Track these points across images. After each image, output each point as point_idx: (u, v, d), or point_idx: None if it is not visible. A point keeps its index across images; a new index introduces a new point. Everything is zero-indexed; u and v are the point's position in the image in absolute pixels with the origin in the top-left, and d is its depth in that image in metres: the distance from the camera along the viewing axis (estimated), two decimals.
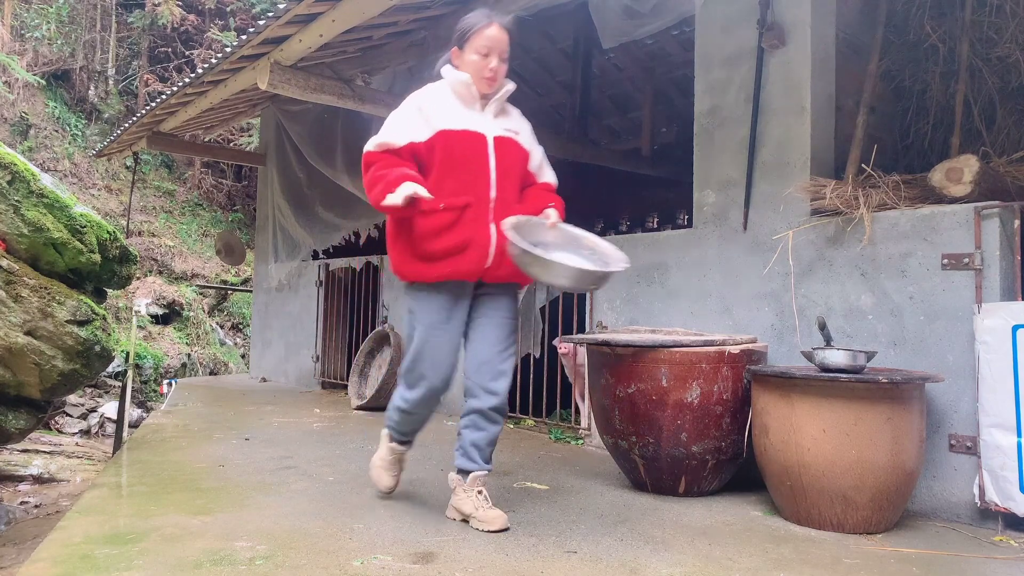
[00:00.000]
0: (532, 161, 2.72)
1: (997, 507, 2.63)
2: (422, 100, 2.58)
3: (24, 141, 12.10)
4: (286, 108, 7.03)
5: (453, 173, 2.49)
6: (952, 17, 3.83)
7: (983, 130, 3.81)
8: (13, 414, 3.85)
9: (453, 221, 2.47)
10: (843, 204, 3.11)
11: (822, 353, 2.72)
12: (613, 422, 3.12)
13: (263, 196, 8.04)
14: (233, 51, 4.43)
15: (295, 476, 3.28)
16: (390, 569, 2.12)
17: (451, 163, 2.50)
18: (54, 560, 2.13)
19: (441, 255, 2.49)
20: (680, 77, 7.06)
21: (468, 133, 2.52)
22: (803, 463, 2.62)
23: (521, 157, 2.65)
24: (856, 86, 3.67)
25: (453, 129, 2.51)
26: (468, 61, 2.55)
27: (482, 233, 2.49)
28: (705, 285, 3.71)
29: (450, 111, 2.55)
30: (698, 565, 2.24)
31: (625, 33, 3.84)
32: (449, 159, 2.50)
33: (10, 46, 12.59)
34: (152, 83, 13.49)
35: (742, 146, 3.58)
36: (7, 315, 3.56)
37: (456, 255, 2.49)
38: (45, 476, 6.14)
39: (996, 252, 2.74)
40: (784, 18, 3.45)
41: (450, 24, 4.89)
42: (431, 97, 2.59)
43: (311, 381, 6.91)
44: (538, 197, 2.68)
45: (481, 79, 2.55)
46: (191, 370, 10.46)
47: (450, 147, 2.50)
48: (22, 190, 3.69)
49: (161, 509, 2.68)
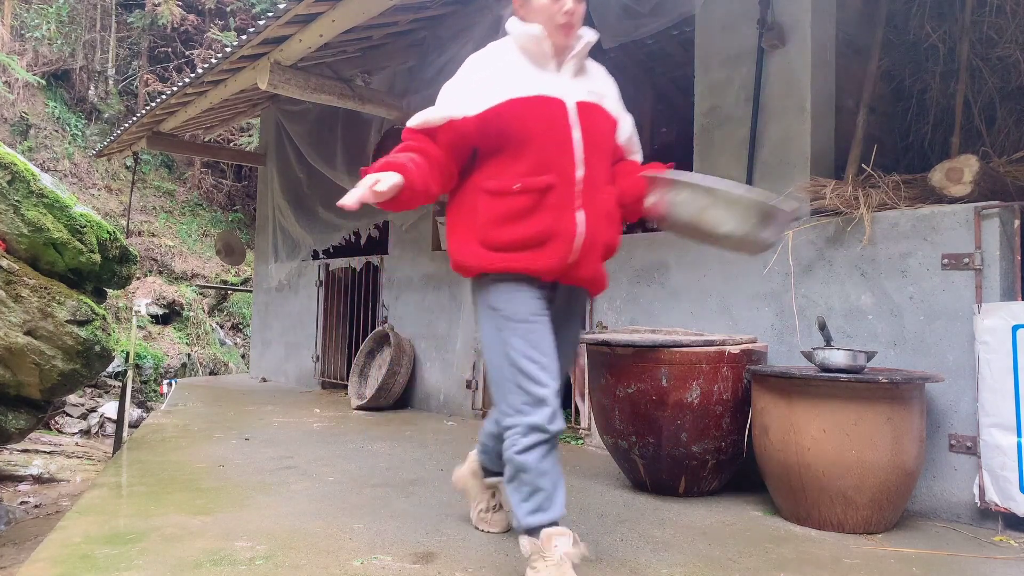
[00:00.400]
0: (621, 132, 2.27)
1: (997, 507, 2.63)
2: (481, 63, 2.13)
3: (24, 141, 12.10)
4: (286, 108, 7.03)
5: (528, 150, 2.03)
6: (952, 17, 3.83)
7: (983, 130, 3.81)
8: (13, 414, 3.84)
9: (531, 207, 2.02)
10: (843, 204, 3.11)
11: (822, 353, 2.71)
12: (613, 422, 3.12)
13: (263, 196, 8.04)
14: (233, 51, 4.43)
15: (295, 476, 3.28)
16: (390, 569, 2.12)
17: (524, 138, 2.03)
18: (54, 560, 2.13)
19: (515, 247, 2.03)
20: (680, 77, 7.05)
21: (543, 99, 2.05)
22: (803, 463, 2.62)
23: (609, 126, 2.20)
24: (856, 86, 3.67)
25: (524, 96, 2.04)
26: (537, 6, 2.08)
27: (567, 221, 2.04)
28: (705, 285, 3.71)
29: (519, 74, 2.08)
30: (698, 565, 2.24)
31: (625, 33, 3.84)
32: (522, 132, 2.03)
33: (10, 46, 12.59)
34: (152, 83, 13.49)
35: (742, 146, 3.58)
36: (7, 315, 3.56)
37: (533, 248, 2.03)
38: (45, 476, 6.14)
39: (996, 252, 2.74)
40: (784, 18, 3.45)
41: (450, 24, 4.91)
42: (492, 59, 2.12)
43: (311, 381, 6.91)
44: (636, 177, 2.19)
45: (556, 27, 2.07)
46: (191, 370, 10.46)
47: (522, 118, 2.03)
48: (22, 190, 3.68)
49: (161, 509, 2.68)
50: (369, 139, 6.04)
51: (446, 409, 5.27)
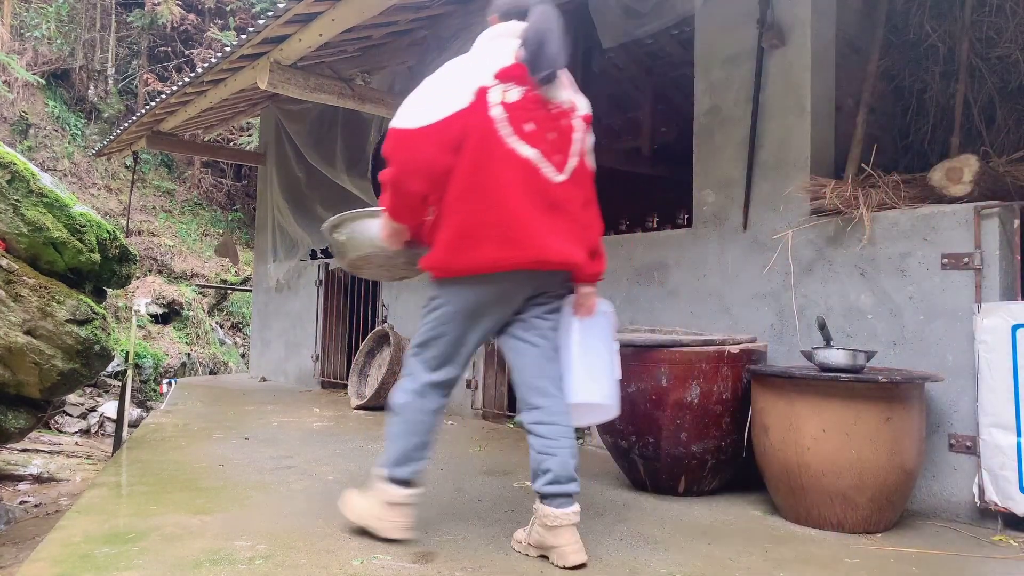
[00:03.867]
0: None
1: (997, 507, 2.63)
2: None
3: (24, 140, 12.10)
4: (286, 107, 7.03)
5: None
6: (952, 17, 3.83)
7: (983, 130, 3.81)
8: (13, 413, 3.85)
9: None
10: (843, 204, 3.11)
11: (822, 353, 2.71)
12: (613, 422, 3.12)
13: (263, 196, 8.04)
14: (233, 50, 4.43)
15: (295, 476, 3.28)
16: (390, 569, 2.12)
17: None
18: (54, 560, 2.13)
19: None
20: (680, 77, 7.04)
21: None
22: (803, 463, 2.62)
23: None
24: (856, 86, 3.67)
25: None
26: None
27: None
28: (705, 285, 3.71)
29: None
30: (698, 565, 2.24)
31: (625, 33, 3.84)
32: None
33: (10, 45, 12.58)
34: (152, 82, 13.48)
35: (742, 146, 3.58)
36: (7, 314, 3.55)
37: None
38: (45, 475, 6.14)
39: (996, 252, 2.74)
40: (784, 18, 3.45)
41: (450, 23, 4.91)
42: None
43: (311, 381, 6.91)
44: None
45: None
46: (191, 370, 10.46)
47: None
48: (22, 189, 3.68)
49: (161, 508, 2.68)
50: (369, 138, 6.04)
51: (446, 409, 5.27)
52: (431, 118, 2.10)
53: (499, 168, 2.14)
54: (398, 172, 2.16)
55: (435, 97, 2.14)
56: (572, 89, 2.35)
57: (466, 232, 2.17)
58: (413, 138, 2.12)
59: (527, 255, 2.16)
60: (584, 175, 2.33)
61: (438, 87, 2.16)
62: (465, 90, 2.14)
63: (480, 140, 2.13)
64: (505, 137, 2.14)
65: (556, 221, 2.20)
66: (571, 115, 2.29)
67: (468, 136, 2.13)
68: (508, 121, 2.15)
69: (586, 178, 2.34)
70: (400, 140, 2.13)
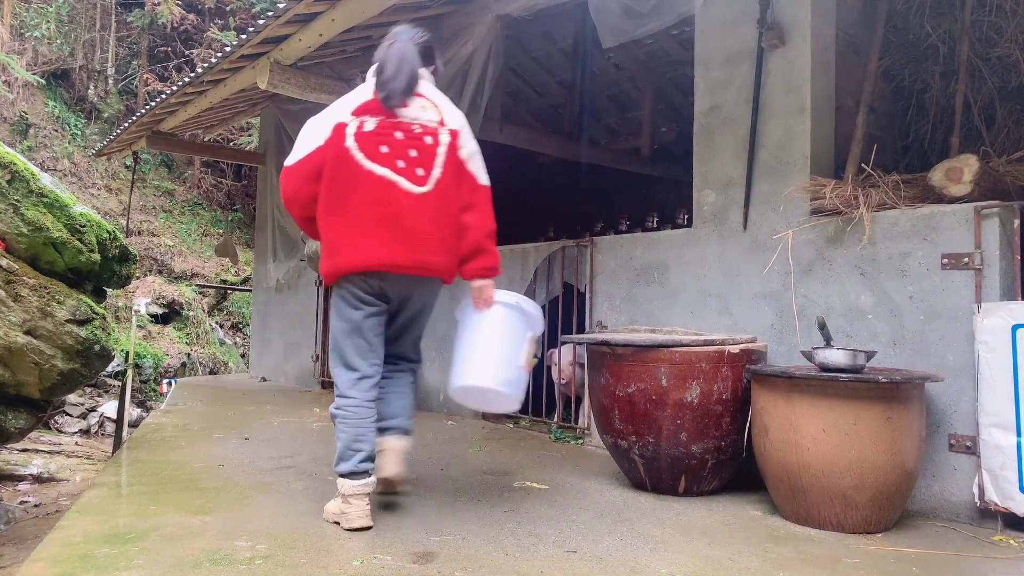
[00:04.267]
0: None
1: (997, 507, 2.63)
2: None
3: (24, 140, 12.09)
4: (286, 107, 7.02)
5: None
6: (952, 17, 3.83)
7: (983, 130, 3.81)
8: (13, 413, 3.84)
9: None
10: (843, 204, 3.11)
11: (822, 353, 2.72)
12: (613, 422, 3.12)
13: (262, 195, 8.03)
14: (233, 50, 4.43)
15: (295, 475, 3.28)
16: (390, 569, 2.12)
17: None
18: (54, 559, 2.13)
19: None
20: (680, 77, 7.05)
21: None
22: (803, 463, 2.62)
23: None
24: (856, 86, 3.68)
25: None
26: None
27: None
28: (705, 285, 3.71)
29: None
30: (698, 565, 2.24)
31: (625, 33, 3.84)
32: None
33: (10, 45, 12.58)
34: (152, 82, 13.47)
35: (742, 146, 3.58)
36: (7, 314, 3.55)
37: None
38: (45, 475, 6.14)
39: (996, 252, 2.74)
40: (784, 18, 3.45)
41: (450, 24, 4.90)
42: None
43: (311, 381, 6.91)
44: None
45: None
46: (191, 370, 10.46)
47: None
48: (22, 189, 3.68)
49: (161, 508, 2.68)
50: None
51: (446, 408, 5.26)
52: (298, 156, 2.57)
53: (354, 188, 2.49)
54: (283, 200, 2.66)
55: (304, 138, 2.59)
56: (443, 107, 2.67)
57: (332, 243, 2.54)
58: (287, 174, 2.59)
59: (372, 259, 2.48)
60: (452, 184, 2.60)
61: (308, 130, 2.60)
62: (325, 129, 2.56)
63: (335, 167, 2.50)
64: (360, 161, 2.50)
65: (411, 229, 2.50)
66: (436, 132, 2.60)
67: (325, 166, 2.52)
68: (360, 148, 2.51)
69: (459, 186, 2.63)
70: (282, 176, 2.62)
